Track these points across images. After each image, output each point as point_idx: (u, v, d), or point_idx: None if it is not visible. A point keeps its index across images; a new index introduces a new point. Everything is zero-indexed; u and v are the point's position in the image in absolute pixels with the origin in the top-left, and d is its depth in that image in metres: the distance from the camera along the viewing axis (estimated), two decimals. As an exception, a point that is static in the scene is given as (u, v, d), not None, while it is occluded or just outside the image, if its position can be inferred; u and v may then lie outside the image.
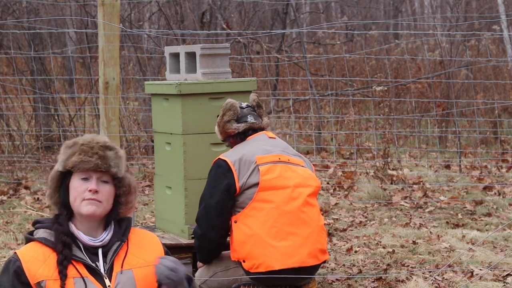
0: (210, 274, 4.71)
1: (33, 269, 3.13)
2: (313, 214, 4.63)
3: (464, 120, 11.38)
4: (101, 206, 3.21)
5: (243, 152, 4.62)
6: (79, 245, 3.21)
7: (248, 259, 4.52)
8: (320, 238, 4.64)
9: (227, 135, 4.83)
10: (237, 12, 15.29)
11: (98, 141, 3.26)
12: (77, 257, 3.17)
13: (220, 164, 4.62)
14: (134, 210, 7.33)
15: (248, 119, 4.79)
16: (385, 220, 7.22)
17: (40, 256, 3.17)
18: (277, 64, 12.09)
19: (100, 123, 8.14)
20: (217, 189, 4.57)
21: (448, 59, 11.05)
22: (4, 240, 6.73)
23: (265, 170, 4.55)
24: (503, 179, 8.81)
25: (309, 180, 4.66)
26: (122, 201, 3.30)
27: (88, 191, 3.20)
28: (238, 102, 4.86)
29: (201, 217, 4.64)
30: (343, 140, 11.08)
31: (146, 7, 13.04)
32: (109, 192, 3.25)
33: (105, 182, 3.24)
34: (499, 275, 5.48)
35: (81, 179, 3.22)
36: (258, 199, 4.53)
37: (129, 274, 3.22)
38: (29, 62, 11.15)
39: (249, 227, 4.51)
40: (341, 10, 20.69)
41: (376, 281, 5.46)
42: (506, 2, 12.92)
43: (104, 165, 3.22)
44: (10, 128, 10.37)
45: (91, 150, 3.23)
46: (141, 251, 3.28)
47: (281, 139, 4.89)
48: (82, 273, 3.15)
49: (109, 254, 3.22)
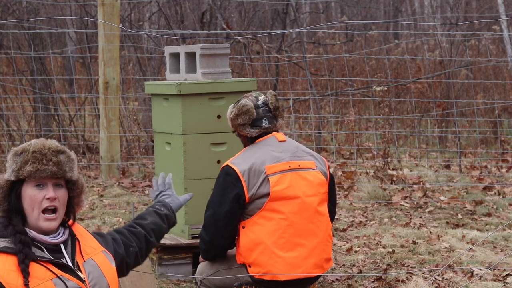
0: (213, 271, 4.69)
1: (13, 282, 3.05)
2: (322, 224, 4.60)
3: (464, 120, 11.38)
4: (58, 217, 3.19)
5: (252, 160, 4.51)
6: (40, 246, 3.16)
7: (254, 266, 4.51)
8: (327, 247, 4.63)
9: (239, 134, 4.71)
10: (237, 12, 15.29)
11: (49, 146, 3.21)
12: (44, 257, 3.13)
13: (229, 172, 4.51)
14: (135, 210, 7.32)
15: (263, 124, 4.62)
16: (385, 220, 7.21)
17: (11, 266, 3.07)
18: (277, 64, 12.08)
19: (100, 123, 8.14)
20: (226, 198, 4.48)
21: (448, 59, 11.05)
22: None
23: (275, 180, 4.48)
24: (503, 179, 8.81)
25: (319, 187, 4.61)
26: (75, 202, 3.30)
27: (45, 199, 3.16)
28: (254, 97, 4.66)
29: (209, 225, 4.55)
30: (343, 140, 11.08)
31: (146, 7, 13.04)
32: (64, 197, 3.23)
33: (60, 186, 3.22)
34: (499, 275, 5.48)
35: (35, 186, 3.18)
36: (267, 209, 4.48)
37: (92, 262, 3.24)
38: (29, 62, 11.14)
39: (257, 235, 4.47)
40: (341, 10, 20.69)
41: (376, 281, 5.46)
42: (506, 2, 12.92)
43: (60, 171, 3.19)
44: (10, 128, 10.37)
45: (44, 157, 3.17)
46: (86, 240, 3.30)
47: (292, 139, 4.79)
48: (56, 272, 3.12)
49: (68, 249, 3.21)
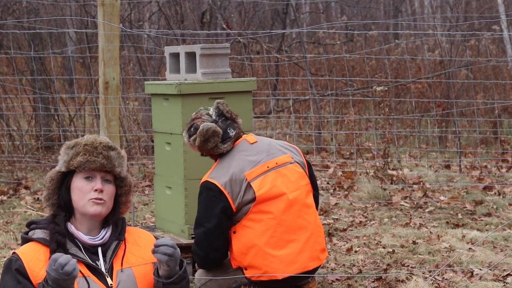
0: (210, 275, 4.71)
1: (36, 269, 3.14)
2: (310, 216, 4.61)
3: (464, 120, 11.37)
4: (105, 205, 3.24)
5: (231, 171, 4.51)
6: (78, 245, 3.23)
7: (250, 268, 4.51)
8: (319, 238, 4.63)
9: (211, 154, 4.70)
10: (237, 12, 15.28)
11: (101, 141, 3.30)
12: (78, 256, 3.18)
13: (210, 187, 4.50)
14: (135, 210, 7.33)
15: (230, 134, 4.62)
16: (385, 220, 7.22)
17: (41, 256, 3.18)
18: (277, 64, 12.08)
19: (100, 123, 8.14)
20: (212, 213, 4.48)
21: (448, 59, 11.05)
22: (4, 240, 6.73)
23: (258, 184, 4.49)
24: (503, 179, 8.81)
25: (300, 180, 4.62)
26: (122, 201, 3.34)
27: (94, 190, 3.22)
28: (207, 115, 4.64)
29: (201, 241, 4.56)
30: (343, 140, 11.08)
31: (146, 7, 13.03)
32: (112, 192, 3.28)
33: (108, 182, 3.28)
34: (499, 275, 5.48)
35: (84, 178, 3.25)
36: (254, 211, 4.49)
37: (129, 272, 3.24)
38: (29, 62, 11.14)
39: (248, 239, 4.48)
40: (341, 10, 20.68)
41: (376, 281, 5.46)
42: (506, 2, 12.91)
43: (109, 165, 3.26)
44: (10, 128, 10.36)
45: (95, 150, 3.26)
46: (138, 249, 3.31)
47: (262, 137, 4.79)
48: (84, 272, 3.17)
49: (108, 253, 3.24)
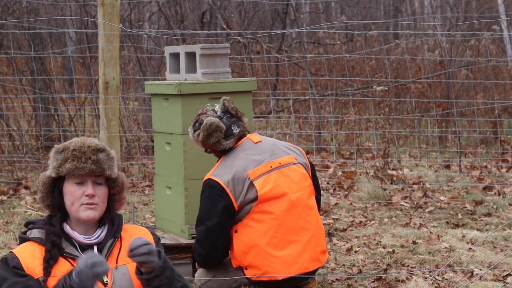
0: (210, 275, 4.71)
1: (32, 266, 3.17)
2: (312, 218, 4.60)
3: (464, 120, 11.37)
4: (98, 209, 3.26)
5: (234, 169, 4.51)
6: (74, 244, 3.25)
7: (250, 268, 4.51)
8: (320, 240, 4.63)
9: (214, 150, 4.71)
10: (237, 12, 15.28)
11: (89, 144, 3.28)
12: (73, 255, 3.21)
13: (213, 185, 4.51)
14: (135, 210, 7.33)
15: (234, 131, 4.63)
16: (385, 220, 7.21)
17: (37, 254, 3.20)
18: (277, 64, 12.08)
19: (100, 123, 8.13)
20: (214, 210, 4.48)
21: (448, 59, 11.05)
22: (4, 240, 6.73)
23: (260, 183, 4.49)
24: (503, 179, 8.81)
25: (303, 181, 4.62)
26: (116, 199, 3.36)
27: (85, 195, 3.23)
28: (213, 111, 4.66)
29: (203, 239, 4.57)
30: (343, 140, 11.08)
31: (146, 7, 13.04)
32: (104, 194, 3.29)
33: (99, 184, 3.28)
34: (499, 275, 5.48)
35: (75, 184, 3.25)
36: (256, 211, 4.49)
37: (124, 269, 3.26)
38: (29, 62, 11.14)
39: (249, 238, 4.48)
40: (341, 10, 20.68)
41: (376, 281, 5.46)
42: (506, 2, 12.91)
43: (99, 169, 3.25)
44: (10, 128, 10.36)
45: (83, 155, 3.25)
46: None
47: (266, 137, 4.80)
48: None
49: (103, 251, 3.26)
